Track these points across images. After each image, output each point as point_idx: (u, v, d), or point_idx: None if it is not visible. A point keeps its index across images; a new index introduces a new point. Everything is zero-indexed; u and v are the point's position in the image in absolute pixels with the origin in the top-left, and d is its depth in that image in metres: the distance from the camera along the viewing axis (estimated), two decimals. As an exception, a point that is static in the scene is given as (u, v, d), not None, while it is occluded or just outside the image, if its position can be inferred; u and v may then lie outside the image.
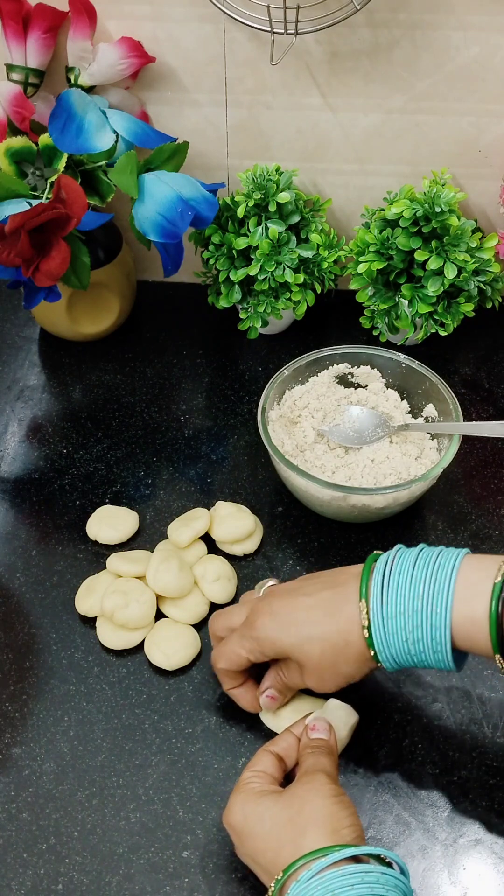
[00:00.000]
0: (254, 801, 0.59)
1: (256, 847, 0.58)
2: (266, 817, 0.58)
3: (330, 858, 0.53)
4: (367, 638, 0.61)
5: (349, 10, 0.78)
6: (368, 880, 0.52)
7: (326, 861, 0.53)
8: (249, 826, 0.58)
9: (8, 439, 0.89)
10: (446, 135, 0.89)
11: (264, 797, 0.59)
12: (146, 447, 0.88)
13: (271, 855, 0.56)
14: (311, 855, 0.54)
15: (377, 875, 0.52)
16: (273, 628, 0.64)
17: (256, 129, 0.91)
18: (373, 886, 0.52)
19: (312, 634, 0.63)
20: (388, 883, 0.53)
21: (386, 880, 0.53)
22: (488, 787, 0.66)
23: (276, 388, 0.83)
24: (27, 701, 0.71)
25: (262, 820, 0.58)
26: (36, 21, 0.81)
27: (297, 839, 0.55)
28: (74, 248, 0.80)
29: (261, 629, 0.65)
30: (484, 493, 0.85)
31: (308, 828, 0.56)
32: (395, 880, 0.53)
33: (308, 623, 0.63)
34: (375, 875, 0.52)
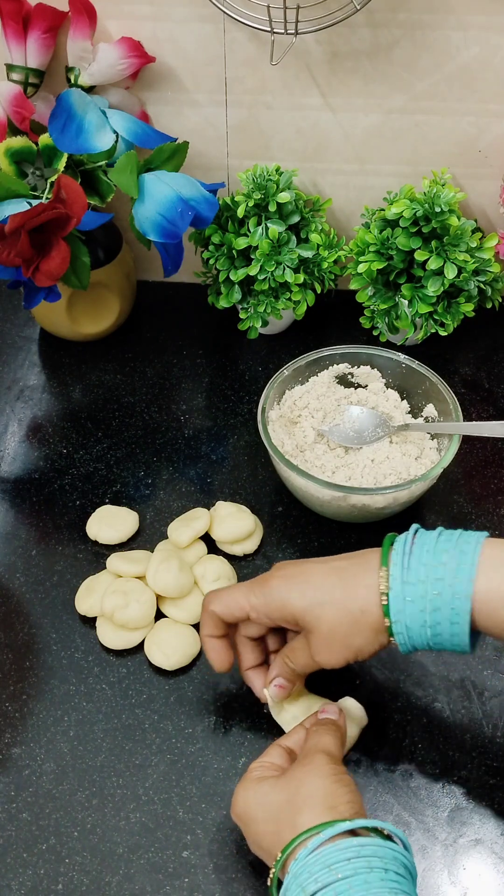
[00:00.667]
0: (254, 788, 0.59)
1: (259, 832, 0.58)
2: (265, 802, 0.58)
3: (326, 834, 0.53)
4: (385, 605, 0.60)
5: (349, 10, 0.78)
6: (365, 853, 0.52)
7: (322, 837, 0.52)
8: (251, 812, 0.59)
9: (8, 439, 0.89)
10: (446, 135, 0.89)
11: (263, 782, 0.59)
12: (146, 447, 0.88)
13: (272, 838, 0.56)
14: (307, 832, 0.54)
15: (374, 848, 0.52)
16: (286, 589, 0.63)
17: (256, 129, 0.91)
18: (370, 860, 0.51)
19: (326, 599, 0.61)
20: (387, 856, 0.52)
21: (384, 853, 0.52)
22: (488, 787, 0.66)
23: (276, 388, 0.83)
24: (27, 701, 0.71)
25: (262, 805, 0.58)
26: (36, 21, 0.81)
27: (294, 819, 0.55)
28: (74, 248, 0.80)
29: (274, 588, 0.63)
30: (484, 493, 0.85)
31: (304, 807, 0.55)
32: (394, 853, 0.53)
33: (323, 587, 0.62)
34: (372, 848, 0.52)
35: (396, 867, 0.52)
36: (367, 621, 0.61)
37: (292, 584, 0.63)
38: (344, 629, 0.61)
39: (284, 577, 0.64)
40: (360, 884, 0.50)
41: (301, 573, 0.64)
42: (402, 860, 0.53)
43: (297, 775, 0.58)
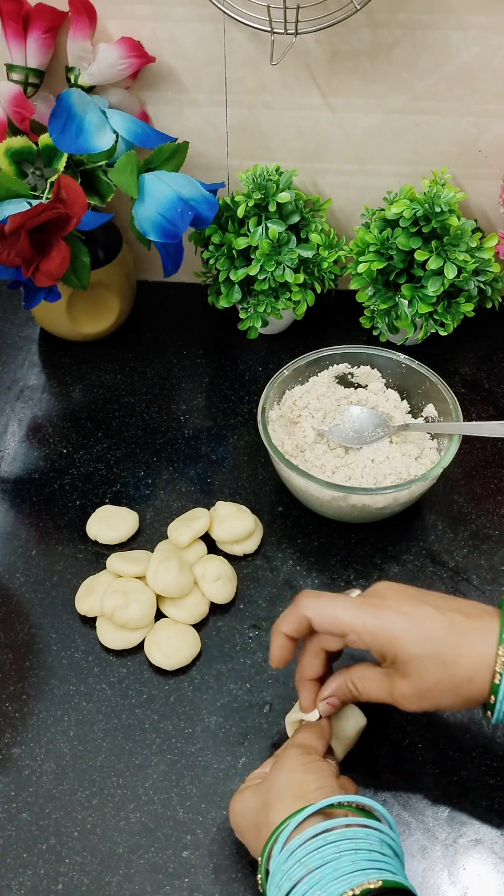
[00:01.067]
0: (238, 799, 0.60)
1: (248, 840, 0.58)
2: (247, 808, 0.58)
3: (293, 823, 0.52)
4: (496, 685, 0.56)
5: (349, 10, 0.78)
6: (333, 839, 0.51)
7: (290, 827, 0.52)
8: (239, 822, 0.59)
9: (8, 439, 0.89)
10: (446, 135, 0.89)
11: (247, 791, 0.59)
12: (146, 447, 0.88)
13: (257, 842, 0.56)
14: (278, 828, 0.53)
15: (342, 830, 0.51)
16: (401, 627, 0.58)
17: (256, 129, 0.91)
18: (338, 844, 0.50)
19: (435, 653, 0.57)
20: (356, 835, 0.51)
21: (353, 833, 0.51)
22: (488, 787, 0.66)
23: (276, 388, 0.83)
24: (27, 701, 0.71)
25: (245, 811, 0.58)
26: (36, 21, 0.81)
27: (267, 817, 0.55)
28: (74, 248, 0.80)
29: (388, 621, 0.58)
30: (484, 493, 0.85)
31: (275, 802, 0.55)
32: (366, 831, 0.51)
33: (436, 640, 0.58)
34: (340, 831, 0.51)
35: (369, 845, 0.51)
36: (469, 691, 0.57)
37: (407, 624, 0.58)
38: (443, 689, 0.58)
39: (399, 613, 0.59)
40: (330, 872, 0.50)
41: (416, 613, 0.59)
42: (377, 836, 0.51)
43: (269, 776, 0.58)
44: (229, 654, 0.74)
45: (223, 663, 0.73)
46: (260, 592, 0.77)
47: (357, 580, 0.78)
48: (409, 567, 0.79)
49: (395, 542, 0.81)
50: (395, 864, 0.52)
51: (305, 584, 0.78)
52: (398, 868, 0.52)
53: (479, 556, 0.80)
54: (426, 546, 0.81)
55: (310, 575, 0.79)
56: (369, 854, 0.51)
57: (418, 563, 0.79)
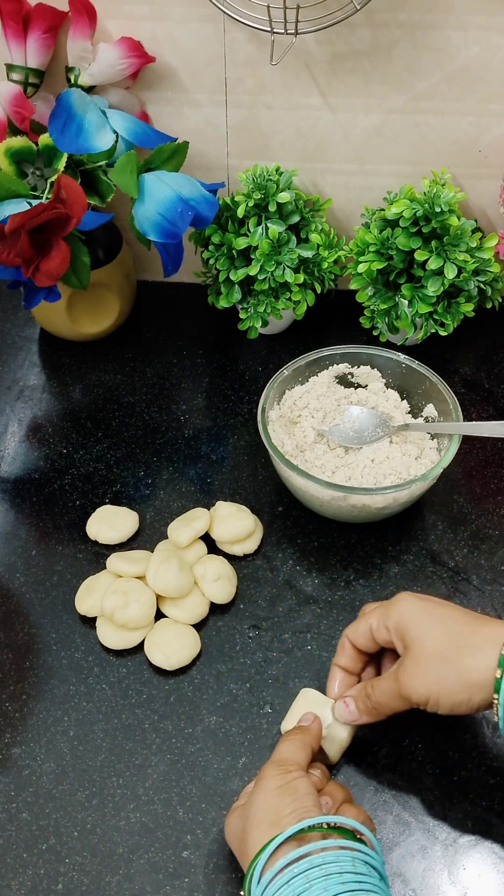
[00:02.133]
0: (228, 822, 0.60)
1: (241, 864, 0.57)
2: (234, 832, 0.58)
3: (264, 857, 0.51)
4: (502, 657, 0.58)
5: (349, 10, 0.78)
6: (302, 868, 0.50)
7: (262, 861, 0.51)
8: (230, 844, 0.59)
9: (8, 439, 0.89)
10: (446, 135, 0.89)
11: (233, 814, 0.59)
12: (146, 447, 0.89)
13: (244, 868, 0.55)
14: (255, 859, 0.52)
15: (310, 859, 0.50)
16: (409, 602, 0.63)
17: (256, 129, 0.91)
18: (308, 874, 0.50)
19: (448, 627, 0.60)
20: (326, 860, 0.50)
21: (323, 859, 0.50)
22: (488, 787, 0.66)
23: (276, 388, 0.83)
24: (27, 701, 0.71)
25: (234, 837, 0.58)
26: (36, 21, 0.81)
27: (246, 849, 0.54)
28: (74, 248, 0.80)
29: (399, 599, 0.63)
30: (484, 493, 0.85)
31: (252, 830, 0.54)
32: (336, 853, 0.51)
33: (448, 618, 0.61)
34: (308, 860, 0.50)
35: (340, 868, 0.50)
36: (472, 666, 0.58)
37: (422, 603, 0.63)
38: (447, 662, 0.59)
39: (416, 597, 0.64)
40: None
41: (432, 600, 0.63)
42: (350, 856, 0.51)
43: (250, 799, 0.57)
44: (229, 654, 0.74)
45: (223, 663, 0.73)
46: (260, 592, 0.77)
47: (357, 580, 0.78)
48: (409, 567, 0.79)
49: (395, 542, 0.81)
50: (371, 881, 0.51)
51: (305, 584, 0.78)
52: (375, 884, 0.51)
53: (479, 556, 0.80)
54: (426, 546, 0.81)
55: (310, 575, 0.79)
56: (340, 877, 0.50)
57: (418, 563, 0.79)
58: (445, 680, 0.59)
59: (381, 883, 0.52)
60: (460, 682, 0.59)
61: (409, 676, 0.60)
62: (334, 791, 0.59)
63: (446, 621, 0.61)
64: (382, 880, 0.53)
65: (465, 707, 0.59)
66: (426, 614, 0.62)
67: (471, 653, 0.59)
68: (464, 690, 0.58)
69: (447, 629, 0.60)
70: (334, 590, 0.78)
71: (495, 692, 0.57)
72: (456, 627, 0.60)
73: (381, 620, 0.64)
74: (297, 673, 0.72)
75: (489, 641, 0.59)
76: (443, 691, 0.59)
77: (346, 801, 0.59)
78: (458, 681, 0.59)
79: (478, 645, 0.59)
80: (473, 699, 0.58)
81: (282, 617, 0.76)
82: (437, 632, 0.60)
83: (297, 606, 0.76)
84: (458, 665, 0.59)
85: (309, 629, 0.75)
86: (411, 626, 0.62)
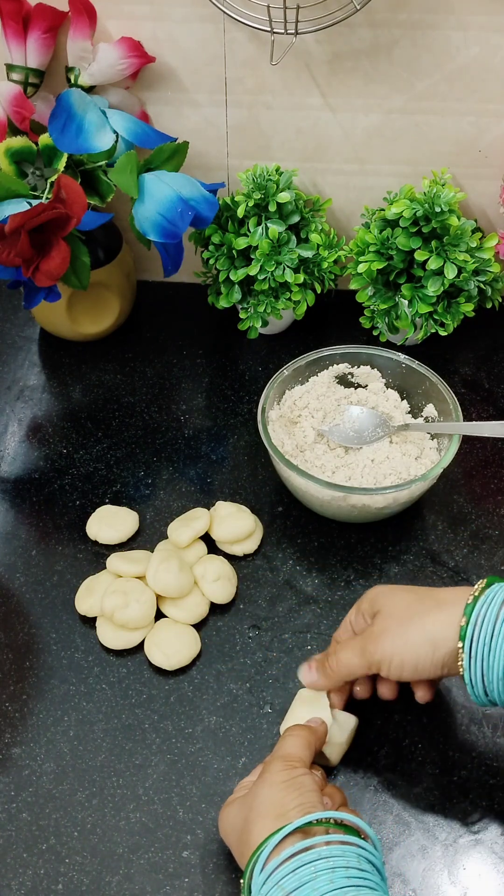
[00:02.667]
0: (225, 813, 0.59)
1: (236, 855, 0.57)
2: (233, 823, 0.58)
3: (270, 844, 0.51)
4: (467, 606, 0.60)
5: (349, 10, 0.78)
6: (309, 859, 0.50)
7: (268, 848, 0.51)
8: (227, 836, 0.59)
9: (8, 439, 0.89)
10: (446, 135, 0.89)
11: (231, 805, 0.59)
12: (146, 447, 0.88)
13: (242, 859, 0.55)
14: (257, 849, 0.52)
15: (317, 850, 0.51)
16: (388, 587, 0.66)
17: (256, 129, 0.91)
18: (315, 864, 0.50)
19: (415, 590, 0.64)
20: (333, 854, 0.51)
21: (330, 851, 0.51)
22: (488, 787, 0.66)
23: (276, 388, 0.83)
24: (27, 701, 0.71)
25: (231, 827, 0.58)
26: (36, 21, 0.81)
27: (248, 839, 0.54)
28: (74, 248, 0.80)
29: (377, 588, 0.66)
30: (484, 493, 0.85)
31: (256, 821, 0.54)
32: (342, 847, 0.51)
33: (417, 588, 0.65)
34: (315, 851, 0.51)
35: (346, 862, 0.51)
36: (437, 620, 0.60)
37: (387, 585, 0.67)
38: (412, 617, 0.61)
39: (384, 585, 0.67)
40: (308, 892, 0.49)
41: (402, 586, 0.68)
42: (354, 852, 0.51)
43: (253, 790, 0.57)
44: (229, 654, 0.74)
45: (223, 663, 0.73)
46: (260, 592, 0.77)
47: (357, 580, 0.78)
48: (409, 567, 0.79)
49: (395, 542, 0.81)
50: (374, 879, 0.51)
51: (305, 584, 0.78)
52: (377, 883, 0.51)
53: (479, 556, 0.80)
54: (426, 546, 0.81)
55: (310, 575, 0.79)
56: (346, 871, 0.50)
57: (418, 563, 0.79)
58: (409, 636, 0.61)
59: (382, 883, 0.52)
60: (424, 636, 0.60)
61: (374, 636, 0.62)
62: (333, 793, 0.59)
63: (415, 592, 0.64)
64: (383, 880, 0.53)
65: (429, 664, 0.60)
66: (396, 590, 0.65)
67: (436, 610, 0.61)
68: (428, 646, 0.60)
69: (416, 596, 0.63)
70: (334, 590, 0.78)
71: (460, 640, 0.58)
72: (425, 594, 0.64)
73: (357, 609, 0.67)
74: (297, 673, 0.72)
75: (456, 598, 0.61)
76: (405, 647, 0.61)
77: (343, 805, 0.59)
78: (421, 637, 0.60)
79: (444, 601, 0.61)
80: (437, 653, 0.60)
81: (282, 617, 0.76)
82: (405, 598, 0.63)
83: (297, 606, 0.76)
84: (423, 621, 0.61)
85: (309, 629, 0.75)
86: (380, 598, 0.65)
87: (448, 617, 0.60)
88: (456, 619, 0.59)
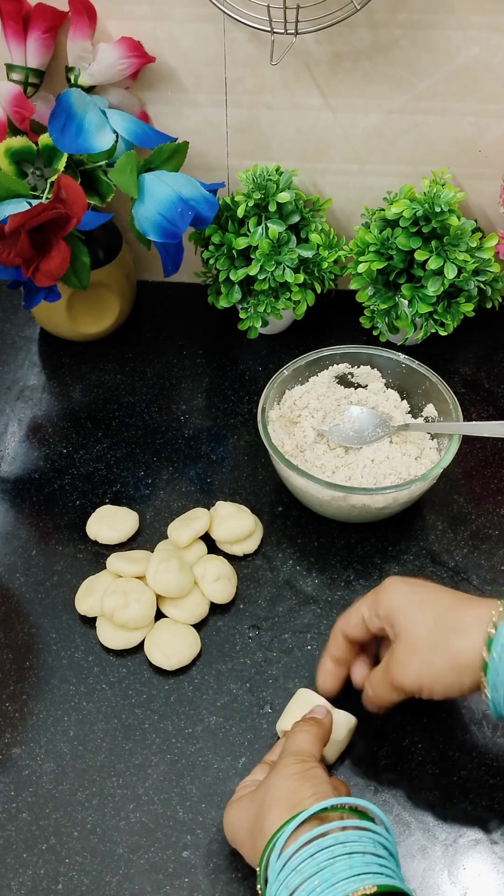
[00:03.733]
0: (233, 810, 0.59)
1: (245, 850, 0.57)
2: (243, 818, 0.58)
3: (287, 830, 0.52)
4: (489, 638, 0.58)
5: (349, 10, 0.78)
6: (327, 844, 0.51)
7: (285, 834, 0.52)
8: (235, 833, 0.59)
9: (8, 439, 0.89)
10: (446, 135, 0.89)
11: (240, 801, 0.59)
12: (146, 447, 0.88)
13: (253, 852, 0.55)
14: (273, 837, 0.53)
15: (335, 835, 0.51)
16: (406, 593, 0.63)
17: (256, 129, 0.91)
18: (332, 849, 0.50)
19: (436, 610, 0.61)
20: (349, 839, 0.51)
21: (347, 836, 0.51)
22: (488, 787, 0.66)
23: (276, 388, 0.83)
24: (27, 701, 0.71)
25: (241, 822, 0.58)
26: (36, 21, 0.81)
27: (263, 826, 0.54)
28: (74, 248, 0.80)
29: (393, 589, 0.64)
30: (484, 493, 0.85)
31: (270, 811, 0.54)
32: (358, 833, 0.51)
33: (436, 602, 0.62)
34: (334, 835, 0.51)
35: (363, 847, 0.51)
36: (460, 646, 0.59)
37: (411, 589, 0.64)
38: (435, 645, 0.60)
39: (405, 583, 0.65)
40: (327, 877, 0.49)
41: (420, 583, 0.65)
42: (371, 837, 0.52)
43: (264, 783, 0.57)
44: (229, 654, 0.74)
45: (223, 663, 0.73)
46: (260, 592, 0.77)
47: (357, 580, 0.78)
48: (409, 567, 0.79)
49: (395, 542, 0.81)
50: (390, 864, 0.52)
51: (305, 584, 0.78)
52: (394, 869, 0.52)
53: (479, 556, 0.80)
54: (426, 546, 0.81)
55: (310, 575, 0.79)
56: (364, 857, 0.51)
57: (418, 563, 0.79)
58: (435, 666, 0.60)
59: (397, 868, 0.53)
60: (449, 666, 0.59)
61: (399, 666, 0.61)
62: (339, 787, 0.60)
63: (434, 606, 0.62)
64: (398, 865, 0.53)
65: (457, 690, 0.60)
66: (414, 601, 0.63)
67: (458, 636, 0.59)
68: (454, 674, 0.59)
69: (435, 614, 0.61)
70: (334, 590, 0.78)
71: (483, 672, 0.58)
72: (443, 612, 0.61)
73: (372, 609, 0.65)
74: (297, 673, 0.72)
75: (475, 623, 0.59)
76: (433, 677, 0.60)
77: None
78: (447, 666, 0.59)
79: (465, 627, 0.59)
80: (464, 682, 0.59)
81: (282, 617, 0.76)
82: (425, 618, 0.61)
83: (297, 606, 0.76)
84: (447, 649, 0.59)
85: (309, 629, 0.75)
86: (400, 615, 0.62)
87: (472, 644, 0.58)
88: (478, 649, 0.58)
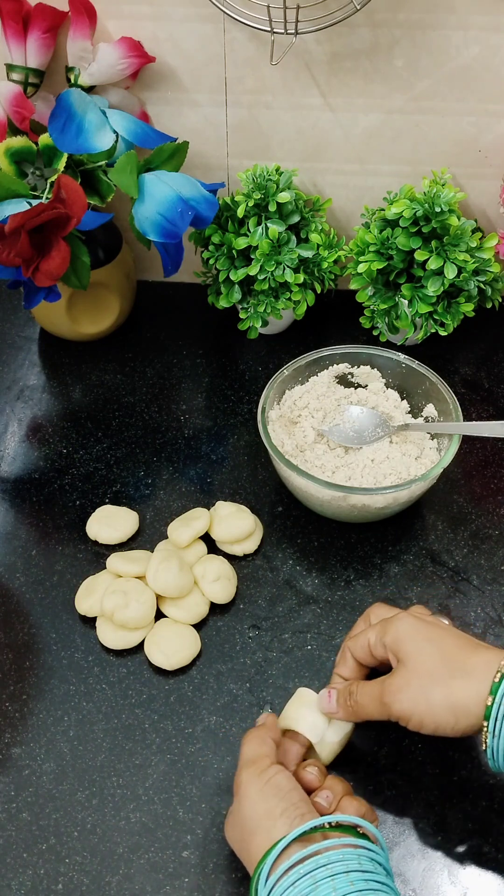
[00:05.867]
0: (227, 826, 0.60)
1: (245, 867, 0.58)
2: (234, 837, 0.58)
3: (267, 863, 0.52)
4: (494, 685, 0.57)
5: (349, 10, 0.78)
6: (307, 869, 0.50)
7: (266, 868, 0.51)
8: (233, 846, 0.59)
9: (8, 439, 0.89)
10: (446, 135, 0.89)
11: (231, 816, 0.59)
12: (146, 447, 0.89)
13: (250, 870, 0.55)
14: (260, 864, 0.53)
15: (314, 859, 0.51)
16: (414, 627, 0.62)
17: (256, 129, 0.91)
18: (314, 874, 0.50)
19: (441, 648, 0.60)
20: (331, 860, 0.51)
21: (327, 858, 0.51)
22: (488, 787, 0.66)
23: (276, 388, 0.83)
24: (27, 701, 0.71)
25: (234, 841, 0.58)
26: (36, 21, 0.81)
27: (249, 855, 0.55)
28: (74, 248, 0.80)
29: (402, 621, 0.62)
30: (484, 493, 0.85)
31: (251, 840, 0.54)
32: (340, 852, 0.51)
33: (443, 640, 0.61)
34: (313, 860, 0.51)
35: (346, 867, 0.51)
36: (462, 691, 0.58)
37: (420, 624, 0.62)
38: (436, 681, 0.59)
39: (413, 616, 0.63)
40: None
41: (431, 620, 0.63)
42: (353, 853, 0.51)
43: (236, 809, 0.58)
44: (229, 654, 0.74)
45: (223, 663, 0.73)
46: (260, 592, 0.77)
47: (357, 580, 0.78)
48: (409, 567, 0.79)
49: (395, 542, 0.81)
50: (377, 877, 0.51)
51: (305, 584, 0.78)
52: (381, 881, 0.51)
53: (479, 556, 0.80)
54: (426, 546, 0.81)
55: (310, 575, 0.79)
56: (347, 877, 0.50)
57: (418, 563, 0.79)
58: (432, 700, 0.58)
59: (387, 879, 0.52)
60: (447, 704, 0.58)
61: (396, 688, 0.60)
62: (334, 785, 0.59)
63: (442, 643, 0.61)
64: (388, 875, 0.53)
65: (450, 730, 0.58)
66: (423, 635, 0.61)
67: (462, 677, 0.58)
68: (449, 713, 0.58)
69: (442, 651, 0.60)
70: (334, 590, 0.78)
71: (485, 719, 0.57)
72: (451, 651, 0.60)
73: (379, 637, 0.64)
74: (297, 673, 0.72)
75: (483, 668, 0.58)
76: (427, 711, 0.58)
77: (347, 794, 0.59)
78: (444, 702, 0.58)
79: (471, 670, 0.58)
80: (459, 723, 0.58)
81: (282, 617, 0.76)
82: (432, 652, 0.60)
83: (297, 606, 0.76)
84: (448, 687, 0.58)
85: (309, 629, 0.75)
86: (406, 643, 0.61)
87: (475, 687, 0.57)
88: (482, 694, 0.57)
